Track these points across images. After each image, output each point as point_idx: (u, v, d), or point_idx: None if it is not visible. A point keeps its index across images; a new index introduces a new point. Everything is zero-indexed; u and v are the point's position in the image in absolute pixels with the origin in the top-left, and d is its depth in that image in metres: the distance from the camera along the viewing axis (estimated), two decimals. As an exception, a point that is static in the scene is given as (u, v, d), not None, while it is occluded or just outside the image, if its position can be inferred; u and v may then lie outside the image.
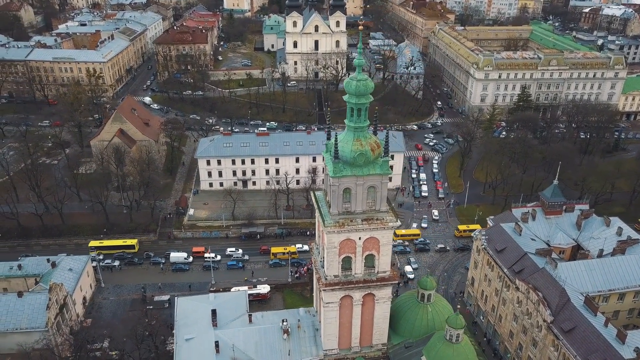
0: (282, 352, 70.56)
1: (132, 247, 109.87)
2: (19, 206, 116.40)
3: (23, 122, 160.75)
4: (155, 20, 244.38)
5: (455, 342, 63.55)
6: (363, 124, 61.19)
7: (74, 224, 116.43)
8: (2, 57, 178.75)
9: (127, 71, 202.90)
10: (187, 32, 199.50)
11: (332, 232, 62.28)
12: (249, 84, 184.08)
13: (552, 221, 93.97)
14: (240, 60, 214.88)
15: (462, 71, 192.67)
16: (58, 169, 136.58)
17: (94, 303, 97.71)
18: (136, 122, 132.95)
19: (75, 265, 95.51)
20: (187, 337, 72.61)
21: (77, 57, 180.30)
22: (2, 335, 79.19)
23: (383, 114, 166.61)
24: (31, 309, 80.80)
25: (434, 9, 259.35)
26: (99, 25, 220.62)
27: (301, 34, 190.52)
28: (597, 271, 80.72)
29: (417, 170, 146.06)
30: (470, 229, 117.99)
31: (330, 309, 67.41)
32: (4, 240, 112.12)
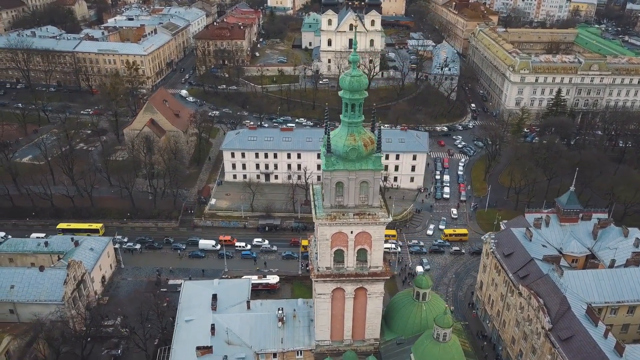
0: (276, 340, 72.53)
1: (97, 231, 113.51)
2: (54, 188, 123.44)
3: (66, 110, 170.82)
4: (198, 16, 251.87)
5: (442, 341, 63.61)
6: (357, 119, 62.13)
7: (102, 207, 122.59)
8: (53, 48, 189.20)
9: (168, 64, 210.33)
10: (225, 28, 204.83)
11: (323, 225, 63.70)
12: (281, 81, 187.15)
13: (567, 229, 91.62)
14: (276, 57, 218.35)
15: (499, 74, 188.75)
16: (93, 155, 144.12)
17: (113, 282, 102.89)
18: (167, 113, 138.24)
19: (97, 246, 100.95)
20: (187, 319, 75.83)
21: (120, 50, 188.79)
22: (24, 306, 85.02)
23: (411, 114, 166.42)
24: (50, 283, 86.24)
25: (477, 10, 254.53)
26: (145, 20, 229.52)
27: (336, 32, 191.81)
28: (606, 281, 78.32)
29: (442, 172, 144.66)
30: (457, 233, 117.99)
31: (322, 300, 68.82)
32: (38, 219, 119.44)
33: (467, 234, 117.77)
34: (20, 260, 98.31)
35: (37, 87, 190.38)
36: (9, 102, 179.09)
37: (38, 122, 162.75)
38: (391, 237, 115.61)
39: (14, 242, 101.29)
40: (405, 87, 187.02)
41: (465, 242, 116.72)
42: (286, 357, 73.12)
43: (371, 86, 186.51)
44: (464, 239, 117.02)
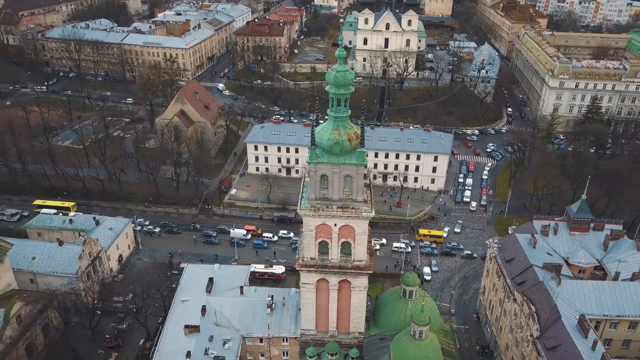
0: (262, 325, 74.94)
1: (68, 209, 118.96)
2: (87, 171, 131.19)
3: (109, 99, 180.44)
4: (243, 13, 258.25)
5: (418, 338, 63.91)
6: (343, 113, 63.28)
7: (129, 191, 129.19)
8: (102, 40, 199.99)
9: (209, 59, 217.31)
10: (264, 25, 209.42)
11: (307, 215, 65.33)
12: (315, 78, 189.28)
13: (577, 238, 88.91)
14: (314, 54, 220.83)
15: (538, 78, 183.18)
16: (128, 142, 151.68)
17: (129, 262, 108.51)
18: (196, 105, 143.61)
19: (116, 226, 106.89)
20: (183, 299, 79.56)
21: (163, 43, 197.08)
22: (42, 276, 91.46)
23: (441, 116, 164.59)
24: (67, 257, 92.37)
25: (525, 12, 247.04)
26: (192, 15, 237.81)
27: (372, 31, 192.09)
28: (607, 294, 75.79)
29: (465, 175, 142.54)
30: (432, 234, 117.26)
31: (307, 290, 70.45)
32: (70, 199, 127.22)
33: (442, 236, 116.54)
34: (47, 235, 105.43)
35: (87, 76, 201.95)
36: (59, 89, 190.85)
37: (83, 108, 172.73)
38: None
39: (43, 218, 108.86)
40: (439, 89, 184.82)
41: (440, 243, 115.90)
42: (272, 342, 75.37)
43: (404, 86, 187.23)
44: (438, 240, 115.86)
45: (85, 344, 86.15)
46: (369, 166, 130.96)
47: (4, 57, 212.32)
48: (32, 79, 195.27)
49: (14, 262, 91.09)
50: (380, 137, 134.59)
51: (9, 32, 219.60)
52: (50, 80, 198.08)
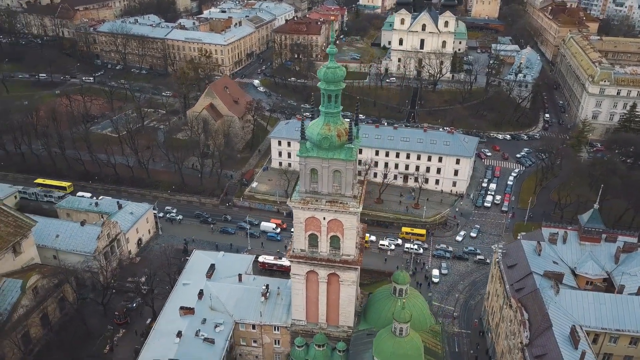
0: (255, 312, 77.35)
1: (65, 188, 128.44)
2: (119, 158, 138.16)
3: (150, 91, 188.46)
4: (286, 11, 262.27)
5: (399, 335, 64.31)
6: (334, 109, 64.58)
7: (156, 179, 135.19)
8: (147, 35, 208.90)
9: (248, 55, 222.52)
10: (303, 23, 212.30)
11: (296, 208, 67.11)
12: (348, 77, 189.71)
13: (587, 248, 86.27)
14: (351, 54, 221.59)
15: (579, 84, 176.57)
16: (161, 132, 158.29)
17: (148, 246, 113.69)
18: (225, 99, 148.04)
19: (137, 211, 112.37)
20: (185, 282, 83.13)
21: (204, 39, 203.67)
22: (63, 253, 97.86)
23: (470, 118, 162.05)
24: (87, 236, 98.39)
25: (574, 15, 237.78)
26: (235, 13, 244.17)
27: (407, 32, 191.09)
28: (608, 307, 73.54)
29: (490, 180, 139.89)
30: (414, 232, 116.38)
31: (297, 281, 72.22)
32: (102, 183, 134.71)
33: (424, 235, 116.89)
34: (75, 215, 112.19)
35: (132, 69, 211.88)
36: (105, 80, 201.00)
37: (124, 99, 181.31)
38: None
39: (72, 200, 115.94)
40: (473, 92, 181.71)
41: (422, 242, 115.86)
42: (264, 330, 77.65)
43: (437, 88, 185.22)
44: (421, 238, 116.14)
45: (97, 319, 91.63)
46: (389, 165, 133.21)
47: (59, 49, 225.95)
48: (81, 70, 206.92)
49: (39, 239, 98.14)
50: (402, 138, 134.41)
51: (64, 26, 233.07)
52: (98, 72, 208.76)
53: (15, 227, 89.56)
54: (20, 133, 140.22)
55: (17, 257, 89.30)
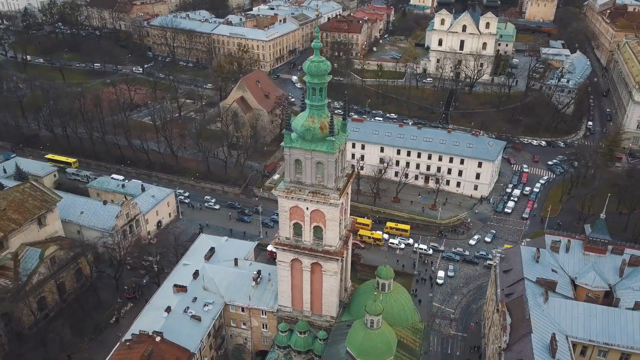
0: (245, 296, 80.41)
1: (70, 164, 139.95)
2: (152, 144, 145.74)
3: (193, 83, 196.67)
4: (333, 9, 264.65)
5: (370, 327, 65.43)
6: (318, 102, 66.21)
7: (184, 166, 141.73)
8: (194, 29, 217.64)
9: (291, 52, 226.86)
10: (344, 22, 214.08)
11: (281, 197, 69.40)
12: (386, 76, 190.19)
13: (590, 259, 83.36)
14: (392, 53, 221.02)
15: (627, 91, 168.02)
16: (196, 122, 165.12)
17: (167, 228, 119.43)
18: (256, 93, 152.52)
19: (158, 194, 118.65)
20: (185, 263, 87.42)
21: (246, 35, 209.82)
22: (86, 229, 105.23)
23: (501, 122, 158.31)
24: (107, 215, 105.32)
25: (633, 20, 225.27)
26: (283, 10, 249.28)
27: (447, 32, 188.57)
28: (598, 319, 71.12)
29: (515, 186, 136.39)
30: (399, 227, 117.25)
31: (282, 268, 74.54)
32: (135, 167, 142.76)
33: (408, 230, 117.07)
34: (104, 195, 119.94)
35: (180, 61, 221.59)
36: (154, 71, 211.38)
37: (168, 90, 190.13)
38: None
39: (102, 181, 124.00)
40: (512, 95, 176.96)
41: (406, 237, 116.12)
42: (252, 313, 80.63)
43: (475, 90, 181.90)
44: (404, 234, 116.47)
45: (109, 292, 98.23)
46: (410, 165, 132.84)
47: (115, 40, 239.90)
48: (132, 61, 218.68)
49: (66, 214, 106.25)
50: (425, 138, 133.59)
51: (121, 19, 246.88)
52: (148, 63, 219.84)
53: (42, 201, 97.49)
54: (67, 117, 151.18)
55: (41, 228, 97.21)
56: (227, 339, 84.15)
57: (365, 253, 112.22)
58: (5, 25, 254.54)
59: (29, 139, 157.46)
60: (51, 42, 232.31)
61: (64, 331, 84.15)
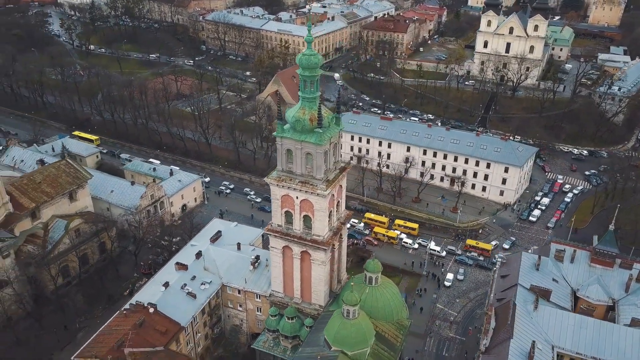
0: (241, 279, 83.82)
1: (92, 141, 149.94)
2: (189, 133, 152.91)
3: (238, 76, 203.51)
4: (386, 9, 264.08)
5: (346, 317, 66.92)
6: (309, 94, 68.27)
7: (216, 155, 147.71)
8: (245, 25, 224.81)
9: (337, 49, 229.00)
10: (390, 21, 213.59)
11: (272, 184, 72.03)
12: (428, 77, 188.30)
13: (596, 271, 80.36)
14: (438, 54, 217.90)
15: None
16: (236, 114, 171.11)
17: (192, 212, 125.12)
18: (291, 88, 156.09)
19: (185, 179, 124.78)
20: (192, 244, 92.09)
21: (292, 31, 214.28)
22: (114, 206, 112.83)
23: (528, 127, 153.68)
24: (134, 194, 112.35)
25: None
26: (334, 8, 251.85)
27: (493, 34, 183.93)
28: (589, 331, 68.84)
29: (545, 194, 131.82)
30: (407, 225, 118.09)
31: (275, 254, 77.11)
32: (171, 153, 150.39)
33: (416, 229, 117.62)
34: (137, 177, 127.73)
35: (230, 55, 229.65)
36: (204, 64, 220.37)
37: (214, 82, 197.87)
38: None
39: (136, 164, 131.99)
40: (557, 101, 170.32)
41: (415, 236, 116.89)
42: (247, 296, 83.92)
43: (518, 94, 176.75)
44: (412, 232, 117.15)
45: (128, 266, 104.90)
46: (436, 166, 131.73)
47: (172, 33, 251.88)
48: (185, 54, 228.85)
49: (98, 192, 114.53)
50: (452, 140, 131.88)
51: (179, 13, 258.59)
52: (200, 56, 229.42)
53: (74, 177, 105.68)
54: (116, 104, 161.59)
55: (72, 203, 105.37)
56: (224, 319, 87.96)
57: (377, 250, 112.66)
58: (77, 16, 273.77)
59: (81, 122, 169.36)
60: (114, 33, 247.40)
61: (79, 298, 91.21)
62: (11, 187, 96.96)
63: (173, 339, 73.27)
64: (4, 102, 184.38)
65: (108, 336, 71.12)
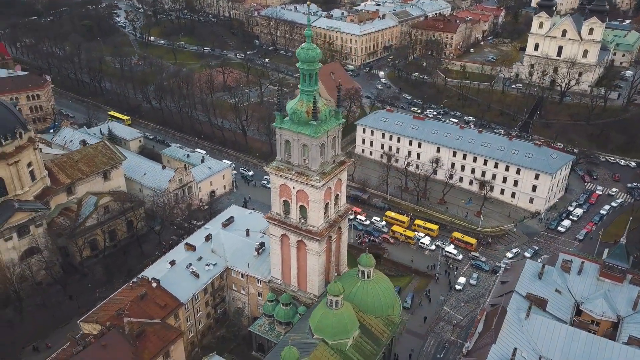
0: (245, 263, 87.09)
1: (123, 121, 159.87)
2: (227, 123, 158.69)
3: (286, 72, 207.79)
4: (441, 8, 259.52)
5: (329, 306, 68.40)
6: (308, 87, 70.04)
7: (251, 146, 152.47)
8: (295, 21, 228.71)
9: (386, 48, 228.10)
10: (440, 21, 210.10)
11: (271, 173, 74.66)
12: (473, 78, 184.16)
13: (604, 285, 76.78)
14: (489, 55, 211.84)
15: None
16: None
17: (220, 199, 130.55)
18: (328, 84, 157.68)
19: (214, 167, 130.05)
20: (206, 227, 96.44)
21: (341, 28, 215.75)
22: (145, 188, 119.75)
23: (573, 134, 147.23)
24: (163, 177, 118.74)
25: None
26: (387, 7, 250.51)
27: (544, 37, 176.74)
28: (580, 346, 66.10)
29: (579, 205, 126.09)
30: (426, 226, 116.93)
31: (274, 241, 79.86)
32: (209, 141, 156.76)
33: (435, 230, 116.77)
34: (172, 162, 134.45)
35: (281, 50, 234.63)
36: (254, 58, 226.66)
37: (260, 76, 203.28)
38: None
39: (172, 150, 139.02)
40: (608, 109, 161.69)
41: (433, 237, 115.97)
42: (249, 280, 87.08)
43: (566, 100, 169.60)
44: (432, 234, 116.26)
45: (152, 245, 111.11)
46: (465, 169, 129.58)
47: (228, 28, 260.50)
48: (237, 47, 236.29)
49: (132, 173, 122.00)
50: (483, 143, 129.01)
51: (235, 8, 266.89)
52: (251, 50, 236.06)
53: (109, 158, 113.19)
54: (165, 93, 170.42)
55: (106, 182, 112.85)
56: (228, 301, 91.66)
57: (392, 248, 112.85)
58: (143, 9, 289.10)
59: (133, 108, 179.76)
60: (173, 26, 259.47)
61: (100, 270, 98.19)
62: (51, 164, 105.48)
63: (171, 314, 77.62)
64: (67, 87, 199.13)
65: (112, 305, 76.50)
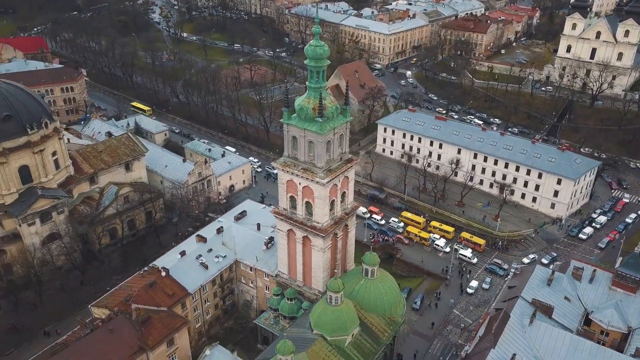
0: (253, 256, 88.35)
1: (144, 111, 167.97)
2: (250, 119, 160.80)
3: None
4: (474, 8, 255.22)
5: (329, 303, 68.80)
6: (316, 84, 70.43)
7: (273, 142, 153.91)
8: (325, 19, 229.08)
9: (415, 47, 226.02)
10: (470, 21, 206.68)
11: (278, 169, 75.50)
12: (502, 80, 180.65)
13: (616, 295, 74.77)
14: (520, 57, 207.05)
15: None
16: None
17: (239, 193, 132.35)
18: (352, 82, 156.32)
19: (234, 161, 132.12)
20: (219, 220, 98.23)
21: (370, 27, 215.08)
22: (166, 180, 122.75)
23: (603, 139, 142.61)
24: (183, 170, 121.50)
25: None
26: (418, 6, 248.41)
27: (577, 38, 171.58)
28: (584, 356, 64.62)
29: (604, 212, 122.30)
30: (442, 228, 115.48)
31: (281, 236, 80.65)
32: (232, 137, 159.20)
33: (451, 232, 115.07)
34: (194, 155, 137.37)
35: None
36: (284, 55, 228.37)
37: (287, 73, 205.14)
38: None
39: (195, 144, 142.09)
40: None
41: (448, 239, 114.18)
42: (257, 274, 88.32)
43: (598, 104, 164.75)
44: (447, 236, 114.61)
45: (169, 235, 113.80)
46: (486, 171, 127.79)
47: (259, 25, 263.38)
48: (267, 45, 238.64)
49: (154, 165, 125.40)
50: (505, 145, 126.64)
51: (267, 6, 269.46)
52: (280, 48, 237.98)
53: (132, 150, 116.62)
54: (193, 88, 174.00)
55: (127, 173, 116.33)
56: (237, 293, 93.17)
57: (406, 249, 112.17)
58: (177, 6, 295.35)
59: (161, 102, 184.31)
60: (206, 22, 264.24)
61: (117, 258, 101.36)
62: (75, 153, 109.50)
63: (178, 303, 79.57)
64: (100, 80, 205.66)
65: (122, 291, 78.98)
